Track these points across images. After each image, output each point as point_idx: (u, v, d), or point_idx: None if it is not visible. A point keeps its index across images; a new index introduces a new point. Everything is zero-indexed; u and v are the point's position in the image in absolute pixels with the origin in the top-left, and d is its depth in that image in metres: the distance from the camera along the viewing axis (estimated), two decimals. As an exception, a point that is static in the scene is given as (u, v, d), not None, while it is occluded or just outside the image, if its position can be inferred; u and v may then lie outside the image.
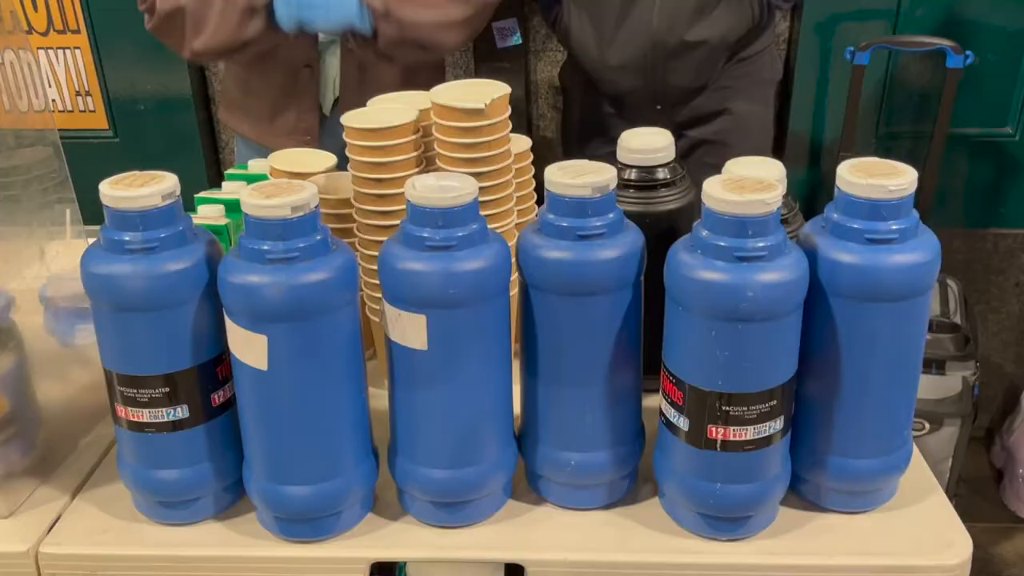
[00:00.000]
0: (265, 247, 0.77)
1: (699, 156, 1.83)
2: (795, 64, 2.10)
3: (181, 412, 0.84)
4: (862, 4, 2.02)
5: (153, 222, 0.80)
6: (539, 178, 1.13)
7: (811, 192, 2.15)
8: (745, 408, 0.79)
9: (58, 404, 0.99)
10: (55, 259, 1.01)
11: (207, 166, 2.20)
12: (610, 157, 1.02)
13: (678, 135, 1.81)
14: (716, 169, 1.83)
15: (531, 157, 1.13)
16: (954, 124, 2.00)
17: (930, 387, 1.88)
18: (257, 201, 0.78)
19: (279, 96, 1.64)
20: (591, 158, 0.89)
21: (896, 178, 0.77)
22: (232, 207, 1.13)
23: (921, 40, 1.88)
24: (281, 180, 0.84)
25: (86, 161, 1.16)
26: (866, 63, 1.89)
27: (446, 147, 1.01)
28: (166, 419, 0.84)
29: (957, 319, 1.93)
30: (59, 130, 1.04)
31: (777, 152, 2.22)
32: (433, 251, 0.79)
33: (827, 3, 2.02)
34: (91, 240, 0.85)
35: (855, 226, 0.78)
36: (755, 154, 1.87)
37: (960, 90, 1.90)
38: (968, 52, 1.82)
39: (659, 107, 1.76)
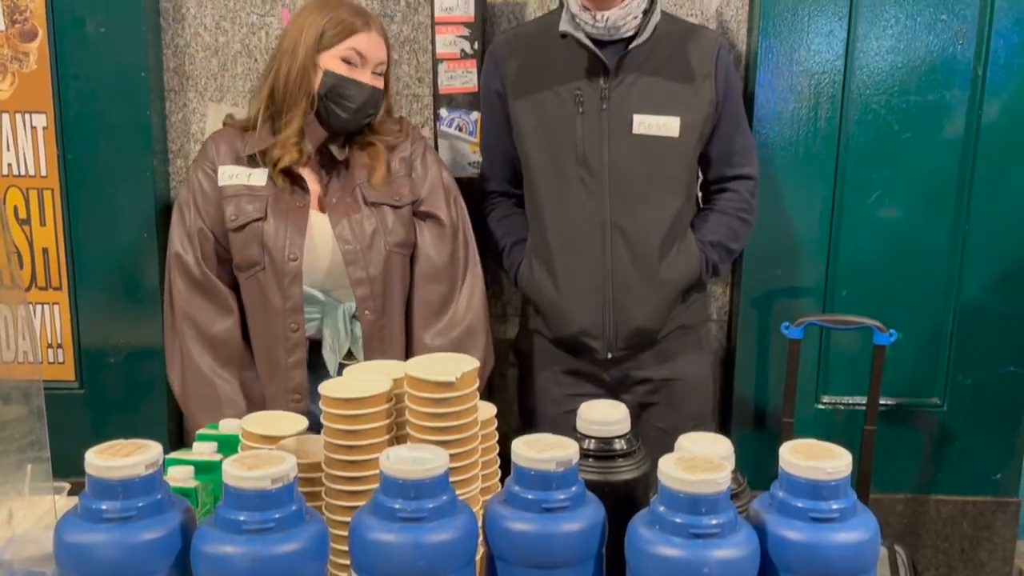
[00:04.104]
0: (242, 517, 0.80)
1: (645, 418, 1.92)
2: (736, 334, 2.26)
3: None
4: (794, 282, 2.23)
5: (133, 491, 0.83)
6: (501, 441, 1.19)
7: (758, 452, 2.23)
8: None
9: (-1, 678, 0.95)
10: (21, 522, 1.01)
11: (168, 419, 2.21)
12: (567, 421, 1.09)
13: (625, 399, 1.90)
14: (662, 432, 1.91)
15: (495, 424, 1.19)
16: (887, 393, 2.13)
17: (890, 658, 1.85)
18: (239, 472, 0.81)
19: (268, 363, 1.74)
20: (548, 422, 0.95)
21: (833, 461, 0.85)
22: (202, 468, 1.16)
23: (848, 319, 2.06)
24: (260, 451, 0.88)
25: (48, 413, 1.18)
26: (801, 337, 2.05)
27: (417, 416, 1.06)
28: None
29: (909, 586, 1.94)
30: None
31: (724, 415, 2.32)
32: (404, 522, 0.83)
33: (762, 280, 2.22)
34: (57, 497, 0.87)
35: (799, 505, 0.84)
36: (698, 417, 1.98)
37: (889, 363, 2.05)
38: (892, 331, 2.00)
39: (610, 355, 1.87)
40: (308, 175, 1.75)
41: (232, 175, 1.72)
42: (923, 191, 2.15)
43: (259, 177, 1.72)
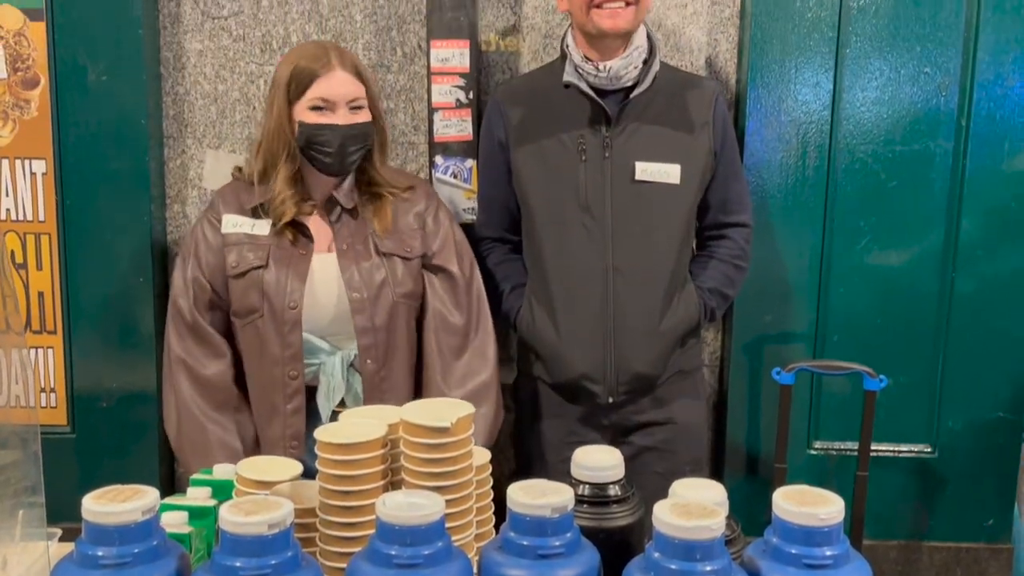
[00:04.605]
0: (239, 564, 0.80)
1: (644, 463, 1.92)
2: (728, 380, 2.28)
3: None
4: (784, 327, 2.25)
5: (129, 537, 0.83)
6: (495, 486, 1.19)
7: (751, 498, 2.22)
8: None
9: None
10: (14, 568, 1.00)
11: (160, 463, 2.20)
12: (566, 468, 1.09)
13: (623, 443, 1.91)
14: (660, 476, 1.91)
15: (489, 469, 1.20)
16: (878, 439, 2.14)
17: None
18: (236, 518, 0.82)
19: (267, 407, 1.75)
20: (547, 468, 0.96)
21: (826, 507, 0.86)
22: (196, 514, 1.16)
23: (838, 364, 2.08)
24: (258, 495, 0.89)
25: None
26: (792, 383, 2.06)
27: (413, 462, 1.07)
28: None
29: (905, 635, 1.93)
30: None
31: (716, 460, 2.32)
32: (400, 569, 0.83)
33: (753, 326, 2.24)
34: (49, 543, 0.87)
35: (793, 551, 0.85)
36: (694, 462, 1.98)
37: (880, 409, 2.07)
38: (882, 376, 2.01)
39: (611, 400, 1.88)
40: (316, 222, 1.76)
41: (236, 224, 1.75)
42: (911, 238, 2.18)
43: (262, 227, 1.74)
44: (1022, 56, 2.09)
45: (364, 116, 1.74)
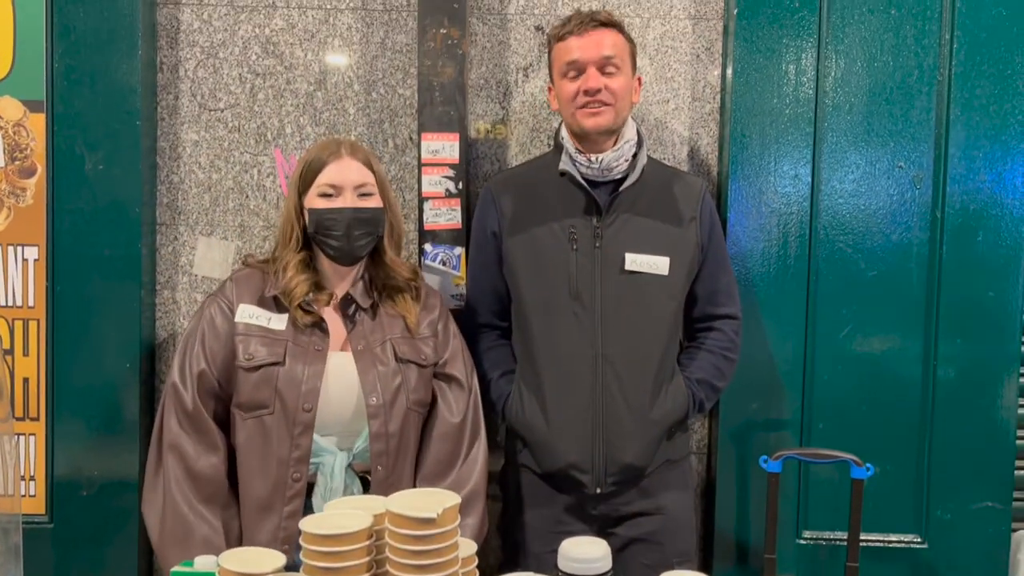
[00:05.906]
0: (220, 660, 0.79)
1: (632, 554, 1.90)
2: (716, 467, 2.27)
3: None
4: (770, 414, 2.25)
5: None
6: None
7: (743, 591, 2.19)
8: None
9: None
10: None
11: (139, 554, 2.15)
12: (553, 559, 1.09)
13: (611, 535, 1.89)
14: (648, 568, 1.89)
15: (475, 561, 1.19)
16: (867, 529, 2.12)
17: None
18: (219, 612, 0.81)
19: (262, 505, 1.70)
20: (534, 558, 0.95)
21: (811, 600, 0.85)
22: (176, 608, 1.14)
23: (825, 453, 2.08)
24: (241, 589, 0.87)
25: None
26: (779, 471, 2.06)
27: (398, 553, 1.07)
28: None
29: None
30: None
31: (705, 550, 2.29)
32: (384, 665, 0.82)
33: (739, 413, 2.25)
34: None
35: (780, 646, 0.84)
36: (683, 554, 1.96)
37: (868, 498, 2.05)
38: (868, 465, 2.01)
39: (599, 491, 1.86)
40: (332, 318, 1.76)
41: (251, 315, 1.74)
42: (892, 326, 2.22)
43: (279, 322, 1.73)
44: (991, 151, 2.18)
45: (374, 202, 1.77)
